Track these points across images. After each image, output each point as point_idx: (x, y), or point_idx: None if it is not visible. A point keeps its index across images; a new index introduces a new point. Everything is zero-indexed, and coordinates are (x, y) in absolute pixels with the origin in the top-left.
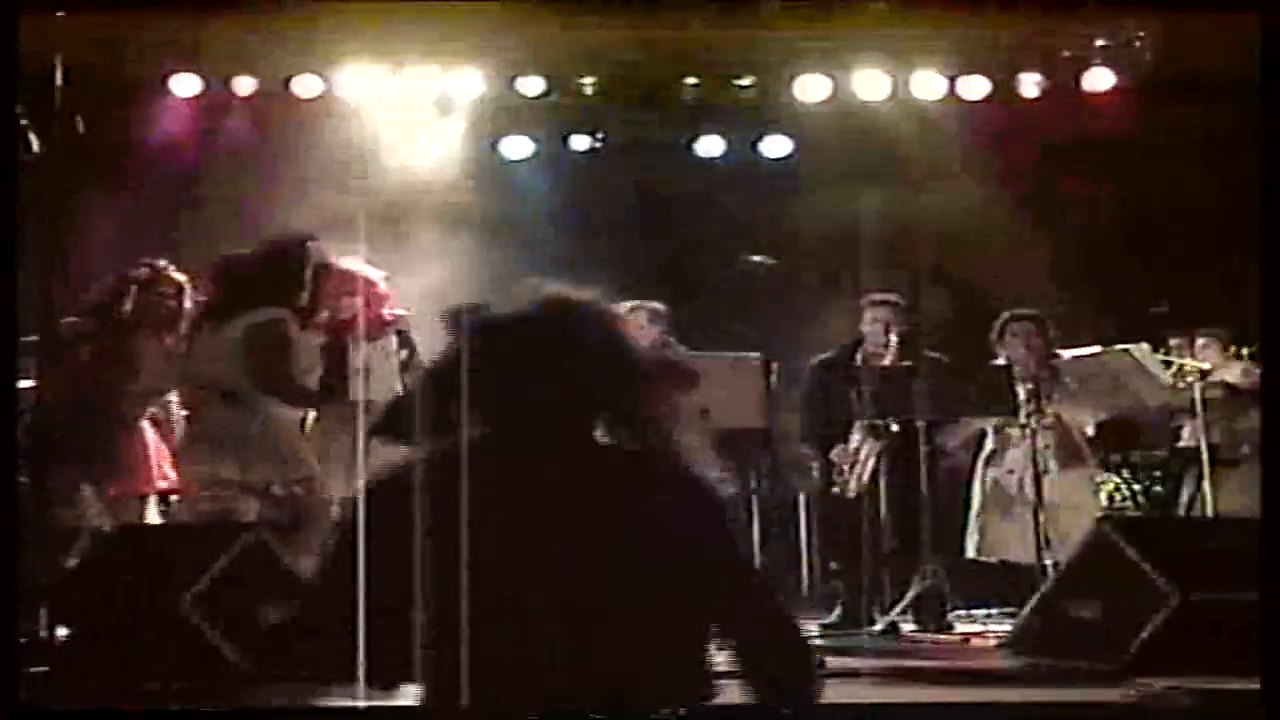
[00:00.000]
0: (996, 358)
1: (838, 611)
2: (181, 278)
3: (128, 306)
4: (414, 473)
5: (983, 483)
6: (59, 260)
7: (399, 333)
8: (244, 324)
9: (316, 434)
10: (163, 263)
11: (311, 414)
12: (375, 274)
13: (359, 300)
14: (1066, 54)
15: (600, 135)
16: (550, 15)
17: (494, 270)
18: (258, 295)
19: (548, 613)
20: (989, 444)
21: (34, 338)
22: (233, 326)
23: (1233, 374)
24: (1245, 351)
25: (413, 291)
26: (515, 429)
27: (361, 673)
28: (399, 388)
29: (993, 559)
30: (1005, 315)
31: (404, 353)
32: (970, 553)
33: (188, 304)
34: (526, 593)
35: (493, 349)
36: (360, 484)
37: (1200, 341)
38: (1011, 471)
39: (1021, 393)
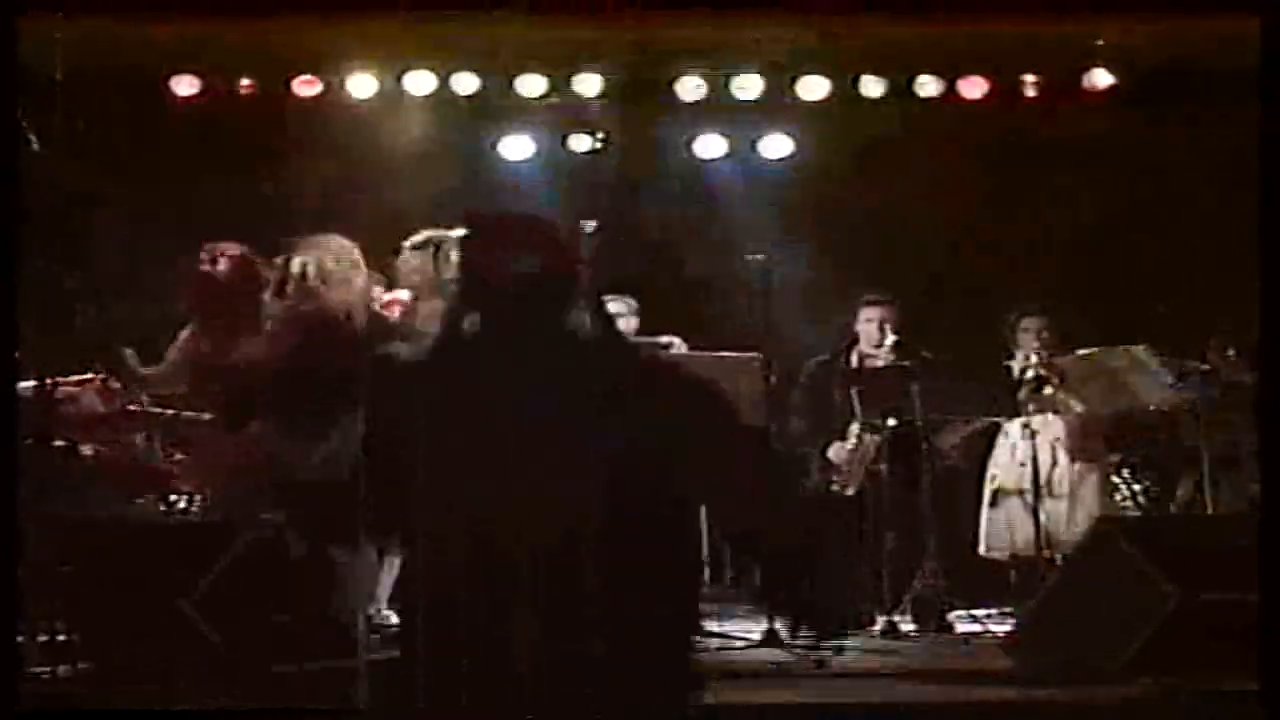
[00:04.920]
0: (996, 357)
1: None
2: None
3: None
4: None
5: (991, 480)
6: (61, 260)
7: None
8: None
9: None
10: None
11: None
12: None
13: None
14: (1066, 54)
15: (600, 135)
16: (550, 15)
17: None
18: None
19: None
20: (998, 441)
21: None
22: None
23: (1232, 374)
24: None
25: None
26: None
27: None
28: None
29: (1003, 555)
30: (1014, 313)
31: None
32: (982, 549)
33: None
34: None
35: None
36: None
37: (1198, 341)
38: (1023, 465)
39: (1025, 390)
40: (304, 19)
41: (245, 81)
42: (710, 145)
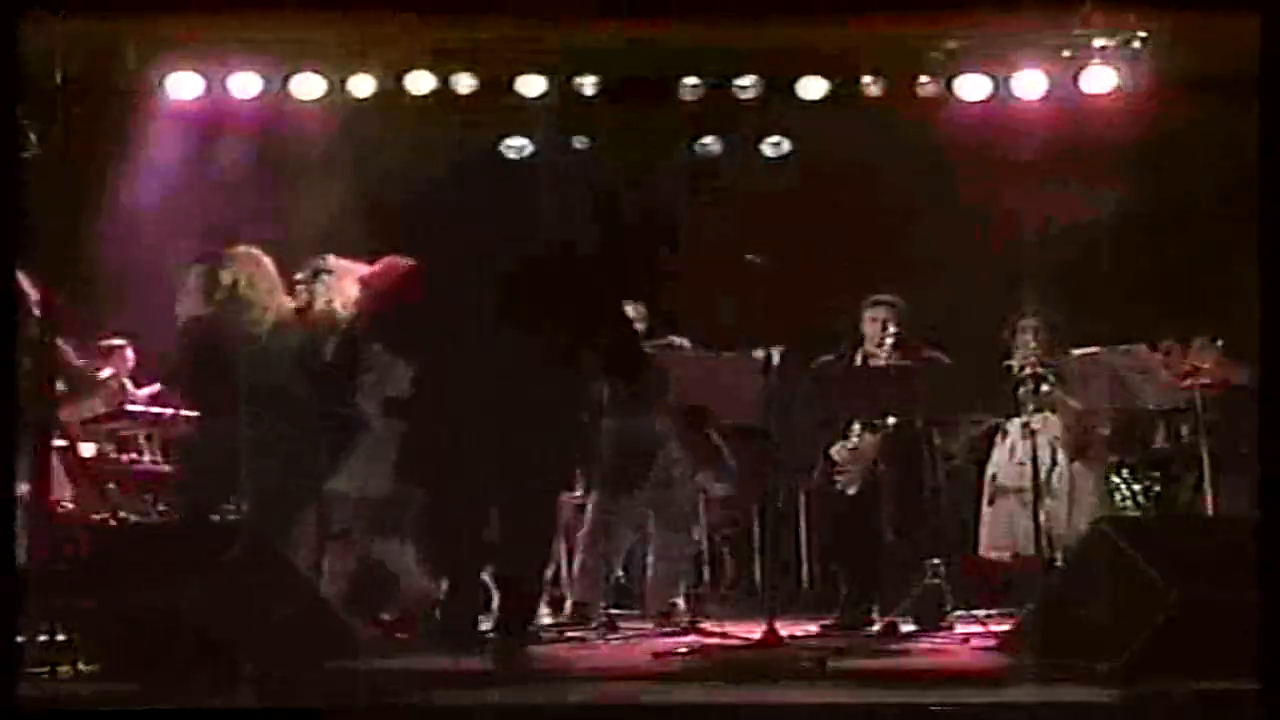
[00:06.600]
0: (998, 357)
1: (838, 611)
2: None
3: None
4: None
5: (991, 480)
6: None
7: None
8: None
9: None
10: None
11: None
12: None
13: None
14: (1066, 54)
15: (600, 135)
16: (550, 15)
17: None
18: None
19: None
20: (997, 441)
21: None
22: None
23: (1233, 374)
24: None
25: None
26: None
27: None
28: None
29: (1002, 555)
30: (1014, 313)
31: None
32: (981, 549)
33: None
34: None
35: None
36: None
37: (1198, 342)
38: (1022, 464)
39: (1024, 390)
40: (304, 17)
41: (245, 81)
42: (710, 145)
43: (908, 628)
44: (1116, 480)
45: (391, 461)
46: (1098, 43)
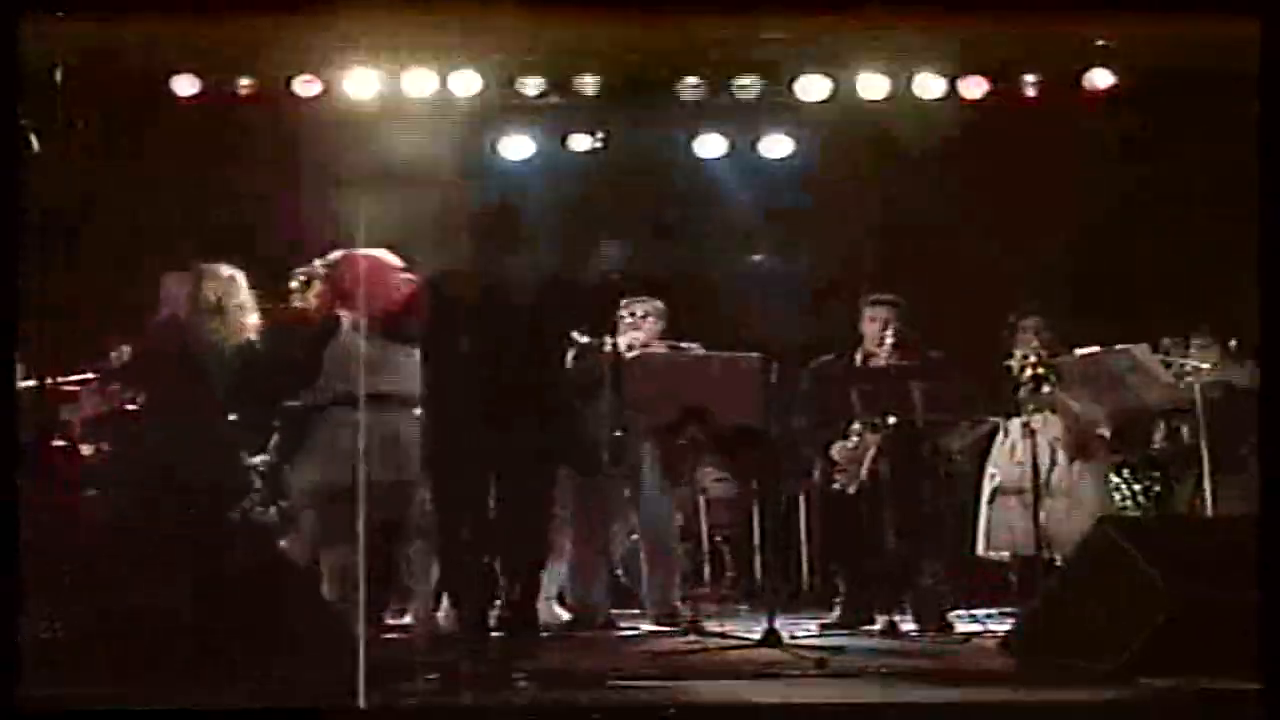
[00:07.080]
0: (999, 356)
1: (838, 611)
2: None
3: None
4: None
5: (990, 479)
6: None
7: None
8: None
9: None
10: None
11: None
12: None
13: None
14: (1066, 54)
15: (600, 135)
16: (550, 15)
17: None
18: None
19: None
20: (997, 440)
21: None
22: None
23: (1233, 374)
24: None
25: None
26: None
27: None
28: None
29: (1002, 555)
30: (1014, 313)
31: None
32: (980, 549)
33: None
34: None
35: None
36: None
37: (1198, 341)
38: (1021, 464)
39: (1024, 390)
40: (304, 18)
41: (244, 81)
42: (710, 145)
43: (908, 628)
44: (1116, 480)
45: (383, 461)
46: (1098, 43)
